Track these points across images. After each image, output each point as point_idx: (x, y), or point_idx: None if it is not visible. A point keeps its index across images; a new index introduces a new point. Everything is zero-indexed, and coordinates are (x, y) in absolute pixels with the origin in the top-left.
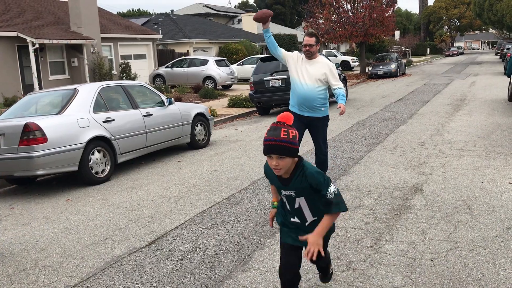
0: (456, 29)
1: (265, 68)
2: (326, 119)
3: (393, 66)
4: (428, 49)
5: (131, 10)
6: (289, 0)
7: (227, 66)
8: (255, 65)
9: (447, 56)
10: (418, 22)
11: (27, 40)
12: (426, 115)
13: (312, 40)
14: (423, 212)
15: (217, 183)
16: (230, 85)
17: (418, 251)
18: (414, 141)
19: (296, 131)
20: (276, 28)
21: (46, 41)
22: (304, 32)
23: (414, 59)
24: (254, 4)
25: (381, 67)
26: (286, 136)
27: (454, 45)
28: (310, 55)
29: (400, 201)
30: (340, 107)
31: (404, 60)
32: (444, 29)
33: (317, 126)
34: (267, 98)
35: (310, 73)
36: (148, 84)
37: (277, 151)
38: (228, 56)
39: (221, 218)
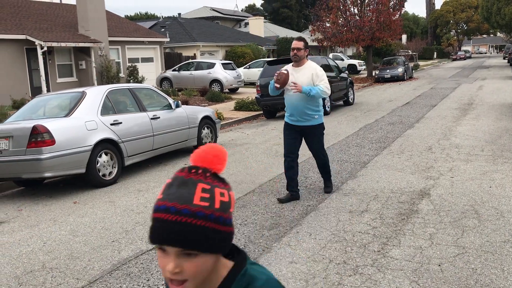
0: (464, 33)
1: (272, 71)
2: (320, 127)
3: (400, 70)
4: (435, 53)
5: (138, 13)
6: (296, 3)
7: (233, 69)
8: (261, 69)
9: (454, 60)
10: (425, 26)
11: (36, 43)
12: (433, 119)
13: (300, 44)
14: (430, 216)
15: None
16: (237, 89)
17: (426, 256)
18: (421, 145)
19: (233, 194)
20: (283, 32)
21: (54, 44)
22: (311, 35)
23: (421, 63)
24: (261, 8)
25: (388, 70)
26: (208, 204)
27: (462, 49)
28: (297, 59)
29: (407, 206)
30: (296, 84)
31: (411, 64)
32: (451, 33)
33: (312, 135)
34: (274, 102)
35: (297, 80)
36: (155, 87)
37: (178, 239)
38: (234, 59)
39: None
